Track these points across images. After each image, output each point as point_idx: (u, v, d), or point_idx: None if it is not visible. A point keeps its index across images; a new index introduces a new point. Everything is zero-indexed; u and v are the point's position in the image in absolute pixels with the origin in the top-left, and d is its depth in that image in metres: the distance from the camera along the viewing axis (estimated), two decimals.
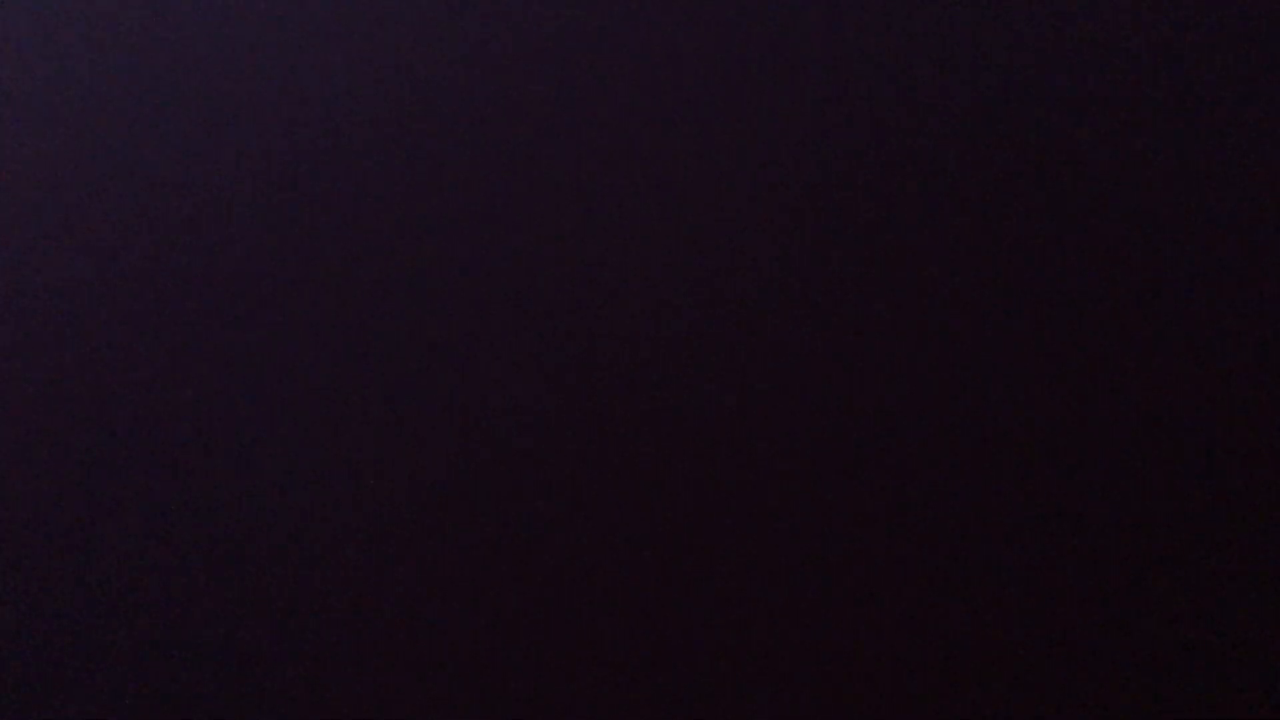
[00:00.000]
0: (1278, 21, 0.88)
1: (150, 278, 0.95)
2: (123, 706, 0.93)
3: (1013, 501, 0.88)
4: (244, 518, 0.93)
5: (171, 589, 0.93)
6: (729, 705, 0.89)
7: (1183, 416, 0.87)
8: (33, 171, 0.97)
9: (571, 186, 0.92)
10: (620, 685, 0.90)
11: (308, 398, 0.93)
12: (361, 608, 0.92)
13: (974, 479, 0.88)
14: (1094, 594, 0.87)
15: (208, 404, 0.94)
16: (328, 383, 0.93)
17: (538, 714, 0.90)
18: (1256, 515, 0.86)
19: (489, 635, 0.91)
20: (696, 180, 0.92)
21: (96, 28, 0.97)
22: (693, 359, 0.91)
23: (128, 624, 0.93)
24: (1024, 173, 0.89)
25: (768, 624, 0.89)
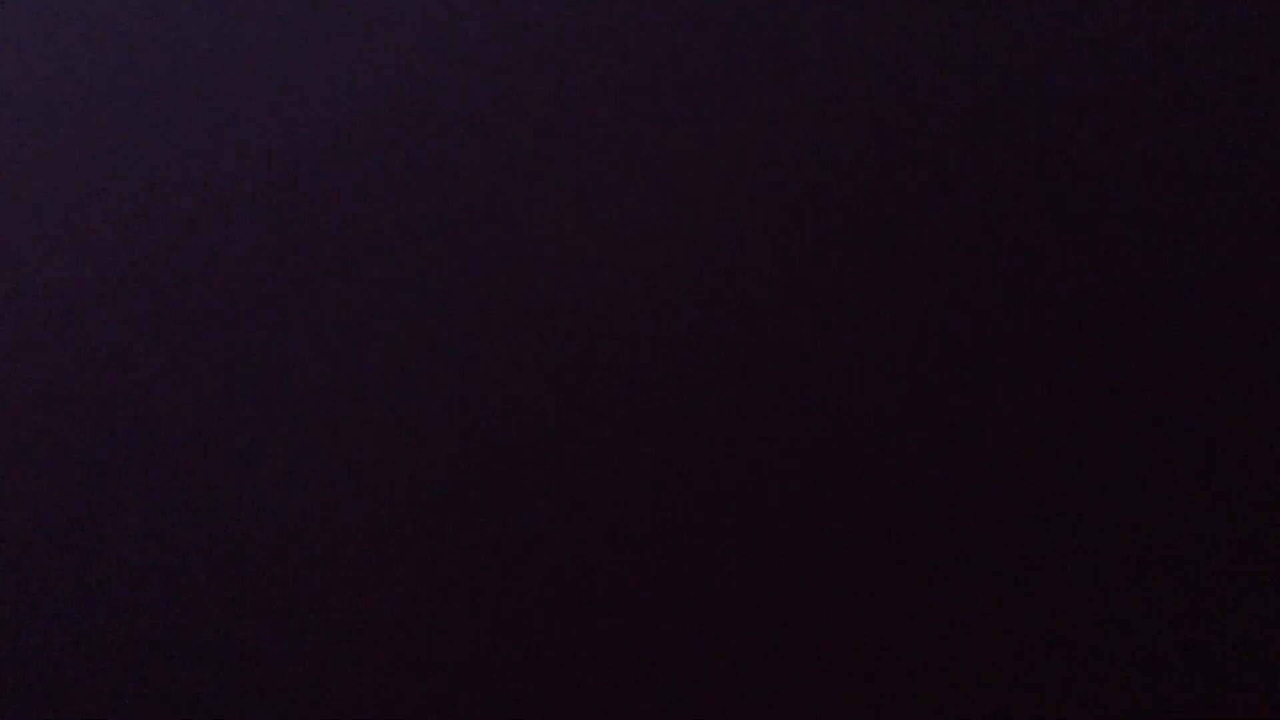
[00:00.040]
0: (1278, 21, 0.88)
1: (150, 278, 0.95)
2: (123, 706, 0.93)
3: (1013, 501, 0.88)
4: (244, 518, 0.93)
5: (172, 589, 0.93)
6: (729, 705, 0.89)
7: (1183, 416, 0.87)
8: (33, 171, 0.97)
9: (571, 186, 0.93)
10: (620, 685, 0.90)
11: (308, 398, 0.93)
12: (361, 608, 0.92)
13: (974, 479, 0.88)
14: (1094, 594, 0.87)
15: (208, 404, 0.94)
16: (328, 383, 0.93)
17: (538, 714, 0.90)
18: (1256, 515, 0.86)
19: (489, 635, 0.91)
20: (696, 180, 0.92)
21: (96, 28, 0.97)
22: (693, 359, 0.91)
23: (128, 624, 0.93)
24: (1024, 173, 0.89)
25: (768, 624, 0.89)
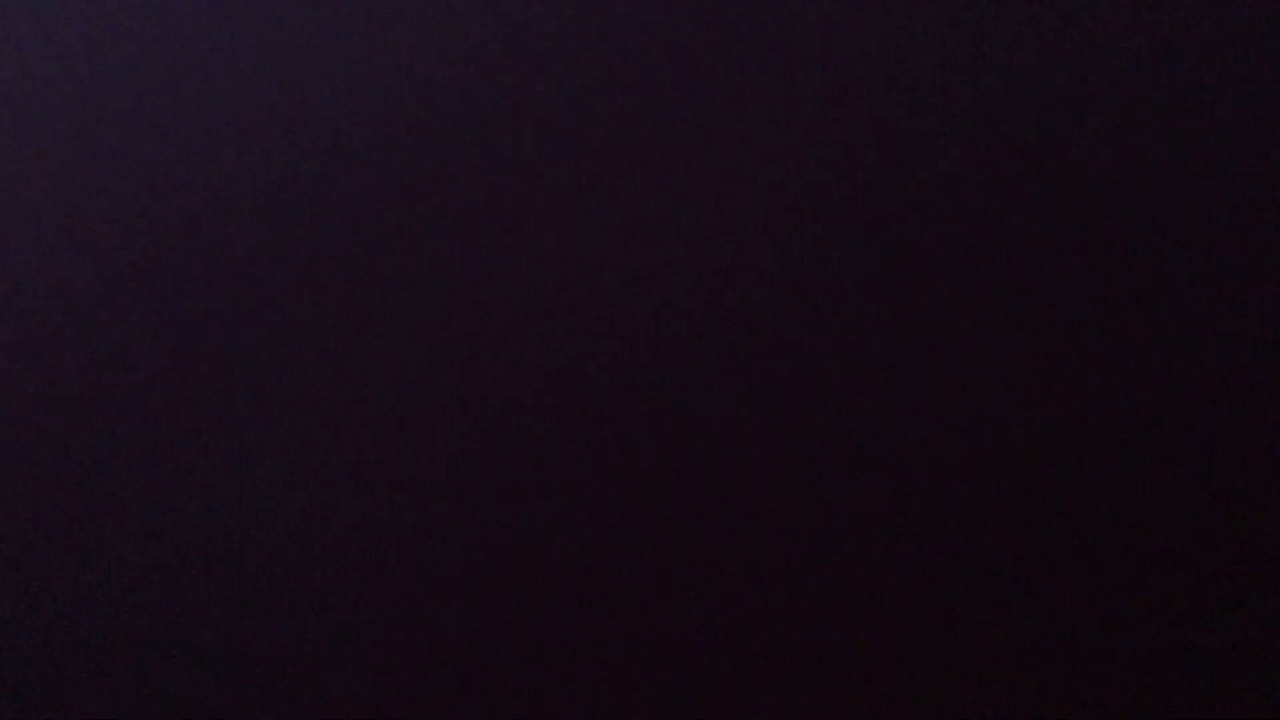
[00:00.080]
0: (1278, 21, 0.88)
1: (150, 278, 0.95)
2: (123, 706, 0.93)
3: (1013, 501, 0.88)
4: (244, 518, 0.93)
5: (172, 589, 0.93)
6: (729, 705, 0.89)
7: (1183, 416, 0.87)
8: (33, 171, 0.97)
9: (571, 186, 0.93)
10: (620, 685, 0.90)
11: (308, 398, 0.93)
12: (362, 608, 0.92)
13: (974, 479, 0.88)
14: (1094, 594, 0.87)
15: (208, 404, 0.94)
16: (328, 383, 0.93)
17: (538, 714, 0.90)
18: (1256, 515, 0.86)
19: (489, 635, 0.91)
20: (696, 180, 0.92)
21: (96, 28, 0.97)
22: (693, 359, 0.91)
23: (128, 624, 0.93)
24: (1024, 173, 0.89)
25: (768, 624, 0.89)
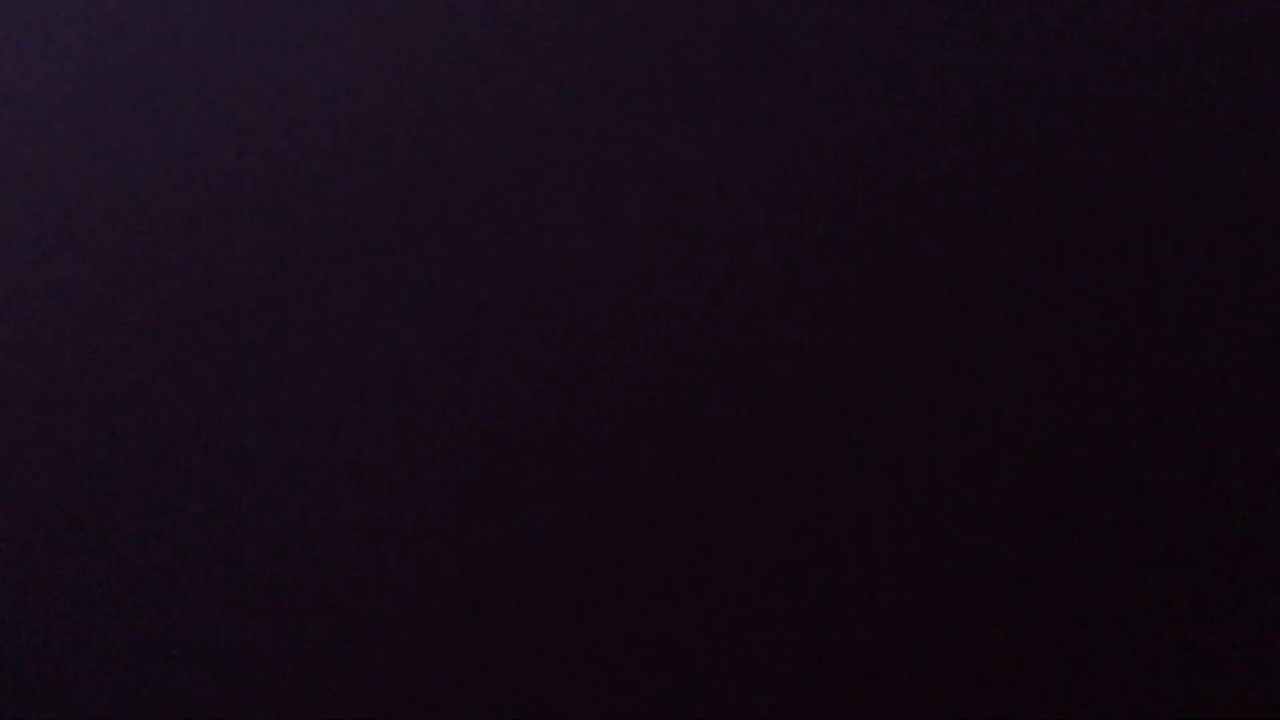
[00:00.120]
0: (1278, 21, 0.88)
1: (150, 278, 0.95)
2: (123, 706, 0.93)
3: (1013, 502, 0.88)
4: (244, 518, 0.93)
5: (172, 589, 0.93)
6: (729, 705, 0.89)
7: (1183, 416, 0.87)
8: (33, 171, 0.97)
9: (571, 186, 0.93)
10: (620, 685, 0.90)
11: (308, 398, 0.93)
12: (361, 608, 0.92)
13: (974, 479, 0.88)
14: (1094, 594, 0.87)
15: (208, 404, 0.94)
16: (328, 383, 0.93)
17: (538, 714, 0.90)
18: (1256, 515, 0.86)
19: (489, 635, 0.91)
20: (697, 180, 0.92)
21: (96, 28, 0.97)
22: (693, 359, 0.91)
23: (128, 624, 0.93)
24: (1024, 173, 0.89)
25: (768, 624, 0.89)
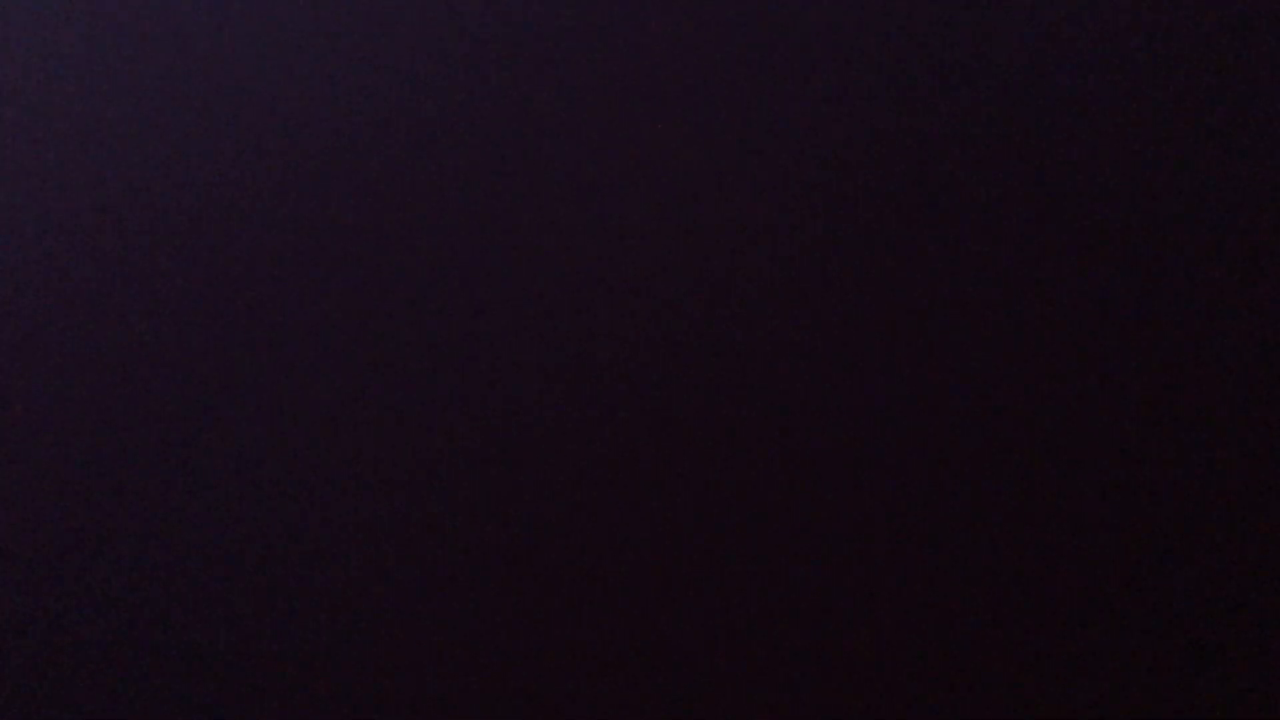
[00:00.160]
0: (1278, 21, 0.88)
1: (150, 278, 0.95)
2: (123, 706, 0.93)
3: (1013, 501, 0.88)
4: (244, 518, 0.93)
5: (171, 590, 0.93)
6: (729, 705, 0.89)
7: (1183, 417, 0.87)
8: (33, 171, 0.97)
9: (571, 186, 0.93)
10: (620, 685, 0.90)
11: (308, 398, 0.93)
12: (362, 608, 0.92)
13: (974, 479, 0.88)
14: (1094, 594, 0.87)
15: (208, 405, 0.94)
16: (328, 383, 0.93)
17: (538, 714, 0.90)
18: (1256, 515, 0.86)
19: (489, 636, 0.91)
20: (696, 180, 0.92)
21: (96, 28, 0.97)
22: (693, 359, 0.91)
23: (127, 625, 0.93)
24: (1024, 173, 0.89)
25: (768, 624, 0.89)
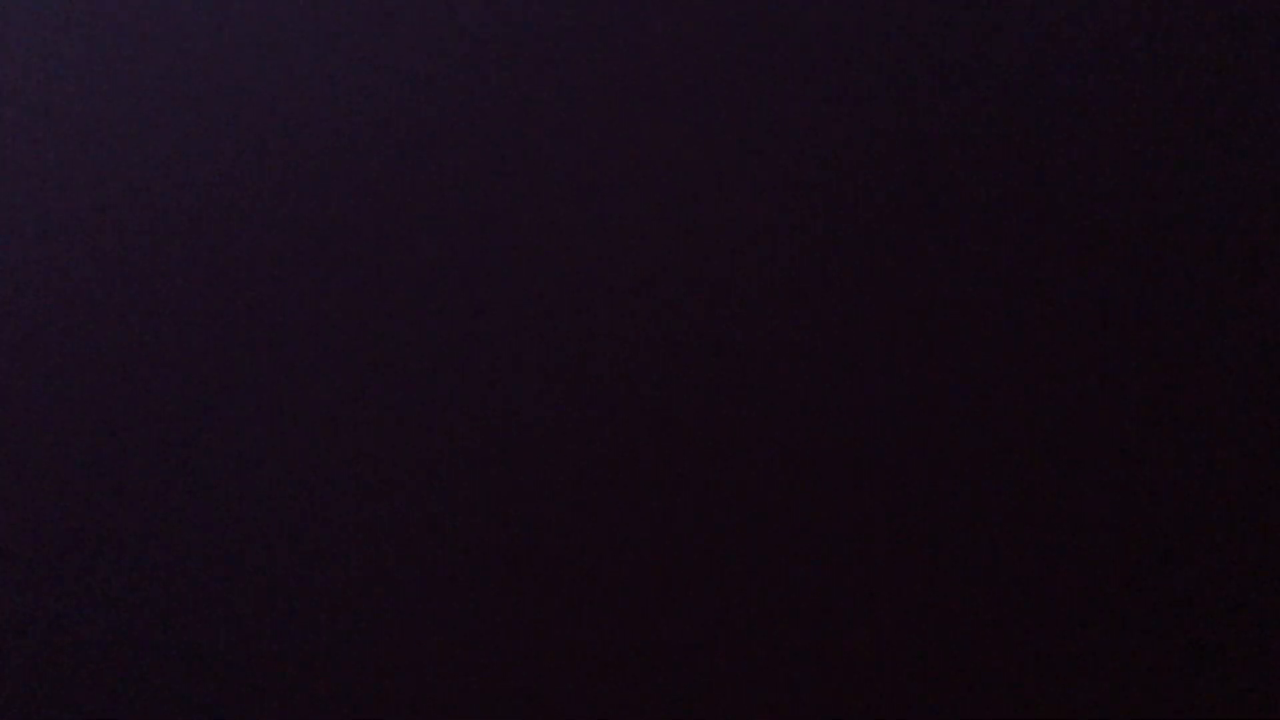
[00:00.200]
0: (1278, 21, 0.88)
1: (150, 278, 0.95)
2: (122, 706, 0.93)
3: (1013, 502, 0.88)
4: (243, 519, 0.93)
5: (172, 589, 0.93)
6: (729, 705, 0.89)
7: (1183, 417, 0.87)
8: (33, 172, 0.97)
9: (571, 186, 0.93)
10: (620, 686, 0.90)
11: (307, 399, 0.93)
12: (362, 609, 0.92)
13: (974, 479, 0.88)
14: (1094, 594, 0.87)
15: (207, 405, 0.94)
16: (328, 383, 0.93)
17: (538, 714, 0.90)
18: (1256, 515, 0.86)
19: (489, 636, 0.91)
20: (696, 180, 0.92)
21: (96, 28, 0.97)
22: (693, 359, 0.91)
23: (126, 625, 0.93)
24: (1024, 173, 0.89)
25: (768, 625, 0.89)
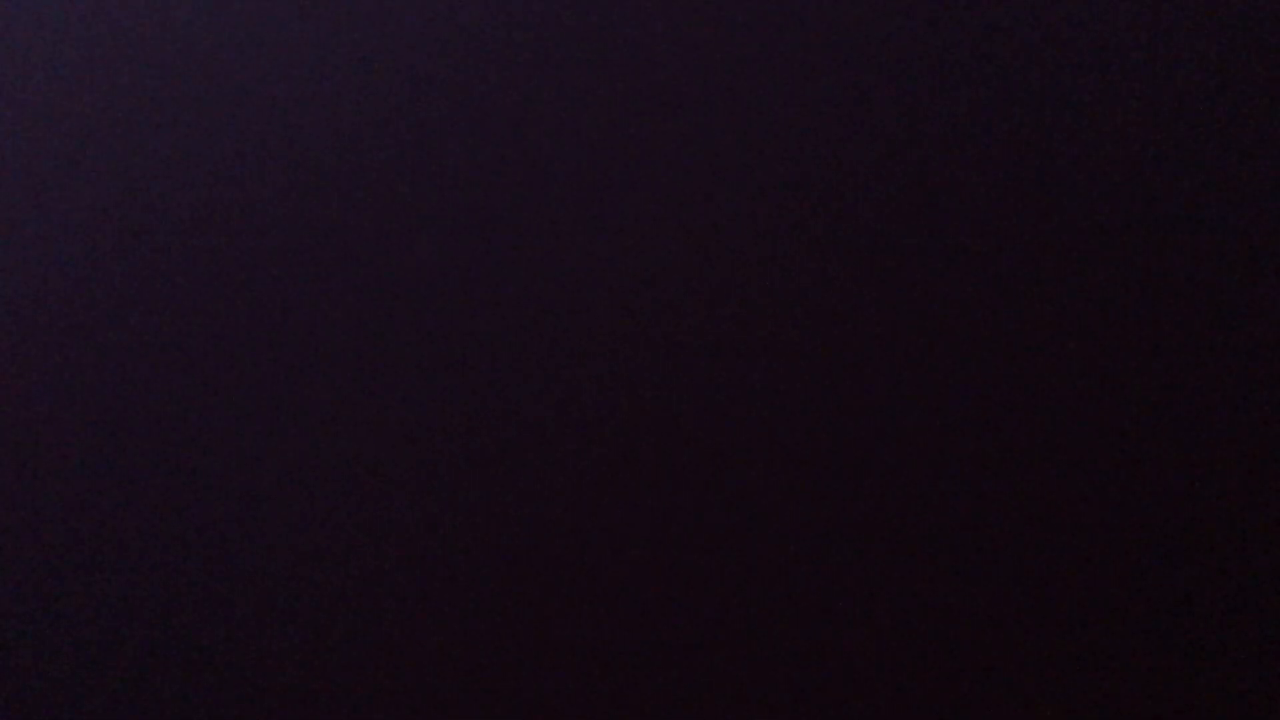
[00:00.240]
0: (1278, 21, 0.88)
1: (150, 278, 0.95)
2: (123, 706, 0.93)
3: (1013, 502, 0.88)
4: (245, 518, 0.93)
5: (172, 589, 0.93)
6: (729, 705, 0.89)
7: (1183, 417, 0.87)
8: (33, 172, 0.97)
9: (571, 186, 0.93)
10: (620, 686, 0.90)
11: (307, 399, 0.93)
12: (362, 609, 0.92)
13: (974, 479, 0.88)
14: (1094, 594, 0.87)
15: (207, 405, 0.94)
16: (328, 383, 0.93)
17: (538, 714, 0.90)
18: (1256, 515, 0.86)
19: (488, 637, 0.91)
20: (696, 180, 0.92)
21: (96, 28, 0.97)
22: (693, 359, 0.91)
23: (127, 624, 0.93)
24: (1023, 174, 0.89)
25: (768, 625, 0.89)
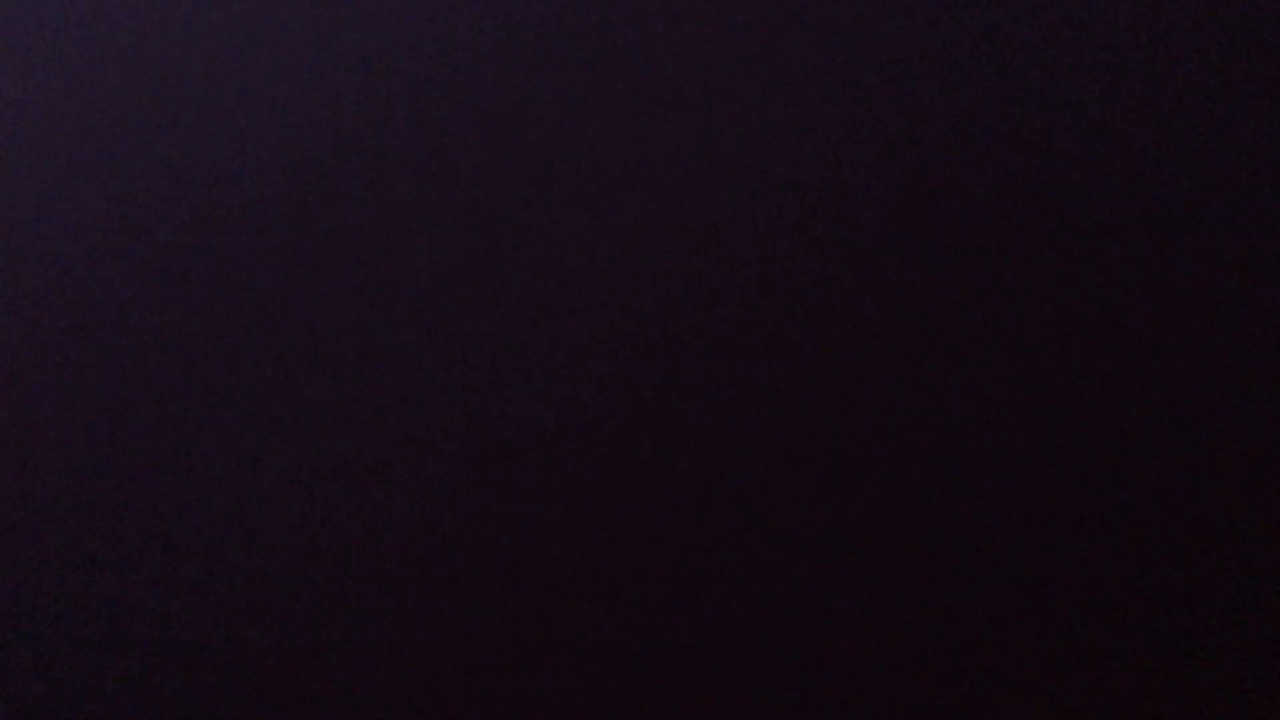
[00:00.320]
0: (1278, 21, 0.88)
1: (149, 278, 0.95)
2: (123, 706, 0.93)
3: (1013, 501, 0.88)
4: (245, 518, 0.93)
5: (172, 589, 0.93)
6: (729, 705, 0.89)
7: (1183, 417, 0.87)
8: (32, 172, 0.97)
9: (571, 186, 0.93)
10: (620, 686, 0.90)
11: (308, 398, 0.93)
12: (362, 609, 0.92)
13: (974, 479, 0.88)
14: (1094, 594, 0.87)
15: (208, 404, 0.94)
16: (328, 383, 0.93)
17: (538, 714, 0.90)
18: (1256, 515, 0.86)
19: (488, 638, 0.91)
20: (696, 180, 0.92)
21: (95, 29, 0.97)
22: (693, 359, 0.91)
23: (127, 624, 0.93)
24: (1023, 175, 0.89)
25: (767, 626, 0.89)
